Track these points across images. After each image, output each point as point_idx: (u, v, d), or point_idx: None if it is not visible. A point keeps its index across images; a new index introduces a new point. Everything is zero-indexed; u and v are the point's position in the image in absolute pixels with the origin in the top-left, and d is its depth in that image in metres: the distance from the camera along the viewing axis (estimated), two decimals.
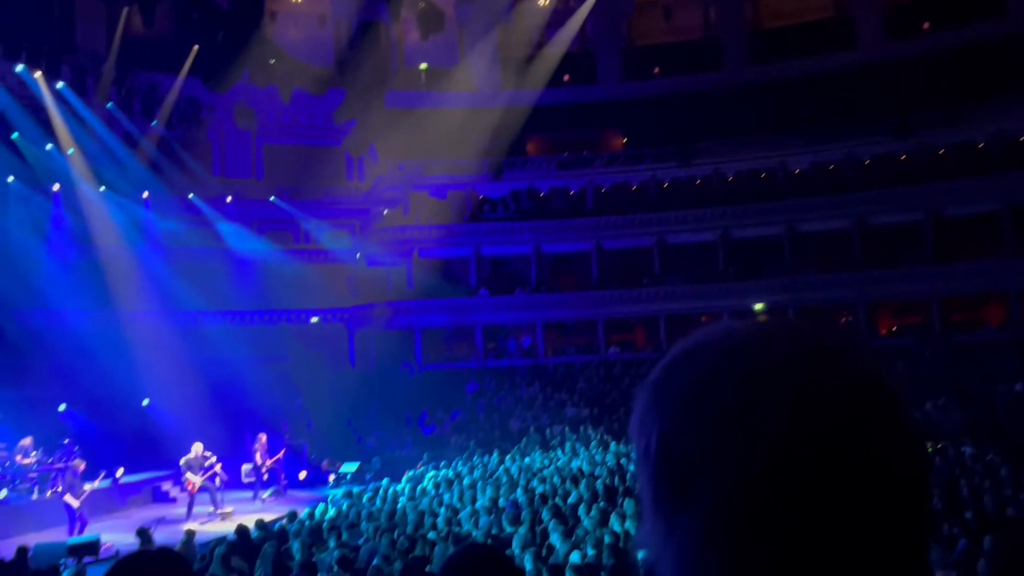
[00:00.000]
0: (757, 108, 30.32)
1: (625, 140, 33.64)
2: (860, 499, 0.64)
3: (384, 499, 13.77)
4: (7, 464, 16.75)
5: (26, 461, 16.92)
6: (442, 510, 11.82)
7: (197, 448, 17.40)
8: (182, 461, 17.39)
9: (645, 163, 31.76)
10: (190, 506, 16.90)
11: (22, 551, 9.74)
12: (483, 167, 31.79)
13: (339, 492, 17.56)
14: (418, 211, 32.21)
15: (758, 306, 29.48)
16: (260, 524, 11.35)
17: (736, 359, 0.69)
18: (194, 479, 16.99)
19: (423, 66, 32.99)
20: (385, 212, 32.82)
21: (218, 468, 17.54)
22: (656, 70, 33.11)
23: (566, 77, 32.70)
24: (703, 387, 0.69)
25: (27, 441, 17.08)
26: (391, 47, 32.46)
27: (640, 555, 7.62)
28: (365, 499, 14.15)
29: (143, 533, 10.60)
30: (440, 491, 14.21)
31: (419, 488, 15.00)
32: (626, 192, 32.28)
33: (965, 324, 27.81)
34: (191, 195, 28.79)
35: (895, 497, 0.66)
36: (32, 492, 16.85)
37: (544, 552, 8.48)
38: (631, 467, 14.60)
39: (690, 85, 31.75)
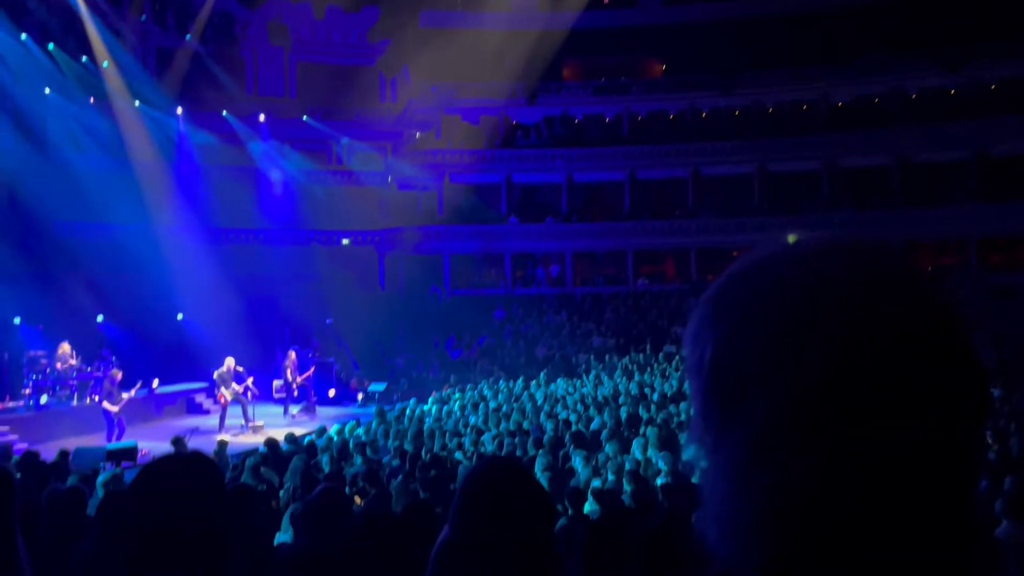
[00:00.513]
0: (802, 37, 29.21)
1: (664, 67, 32.79)
2: (912, 421, 0.62)
3: (411, 419, 14.07)
4: (48, 371, 17.28)
5: (66, 366, 17.44)
6: (467, 432, 12.05)
7: (229, 362, 17.79)
8: (215, 374, 17.82)
9: (684, 91, 30.97)
10: (222, 418, 17.38)
11: (63, 454, 10.12)
12: (517, 91, 31.24)
13: (367, 410, 17.97)
14: (450, 135, 31.90)
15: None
16: (290, 438, 11.66)
17: (800, 273, 0.67)
18: (226, 392, 17.43)
19: None
20: (417, 135, 32.56)
21: (249, 382, 17.96)
22: None
23: (605, 0, 31.71)
24: (763, 299, 0.67)
25: (65, 347, 17.54)
26: None
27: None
28: (392, 418, 14.46)
29: (178, 442, 10.94)
30: (466, 413, 14.47)
31: (445, 410, 15.29)
32: (663, 121, 31.63)
33: (1004, 265, 27.28)
34: (224, 112, 28.74)
35: (949, 421, 0.64)
36: (72, 398, 17.42)
37: (565, 477, 8.64)
38: (655, 397, 14.71)
39: (733, 11, 30.60)
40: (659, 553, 2.30)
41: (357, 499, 7.46)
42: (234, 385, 17.52)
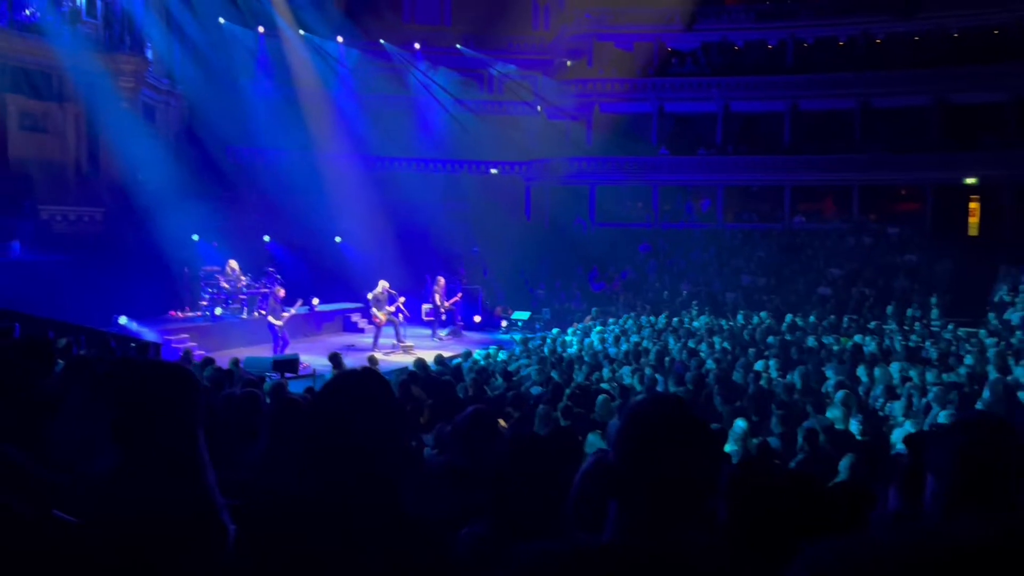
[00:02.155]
0: None
1: None
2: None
3: (552, 348, 14.27)
4: (222, 285, 18.73)
5: (238, 282, 18.84)
6: (606, 364, 12.10)
7: (383, 285, 18.61)
8: (369, 296, 18.71)
9: (858, 15, 28.61)
10: (375, 337, 18.31)
11: (235, 362, 11.03)
12: (674, 17, 29.96)
13: (510, 338, 18.37)
14: (602, 63, 31.18)
15: (969, 181, 26.76)
16: (439, 359, 12.16)
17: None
18: (379, 314, 18.29)
19: None
20: (568, 63, 32.06)
21: (400, 303, 18.76)
22: None
23: None
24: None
25: (233, 264, 18.90)
26: None
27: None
28: (534, 347, 14.71)
29: (335, 357, 11.65)
30: (606, 346, 14.50)
31: (586, 341, 15.39)
32: (831, 48, 29.48)
33: None
34: (382, 40, 29.37)
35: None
36: (242, 312, 18.86)
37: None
38: (809, 340, 14.17)
39: None
40: (808, 497, 2.23)
41: (501, 421, 7.70)
42: (387, 307, 18.35)
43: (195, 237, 20.36)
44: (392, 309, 18.47)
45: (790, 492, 2.08)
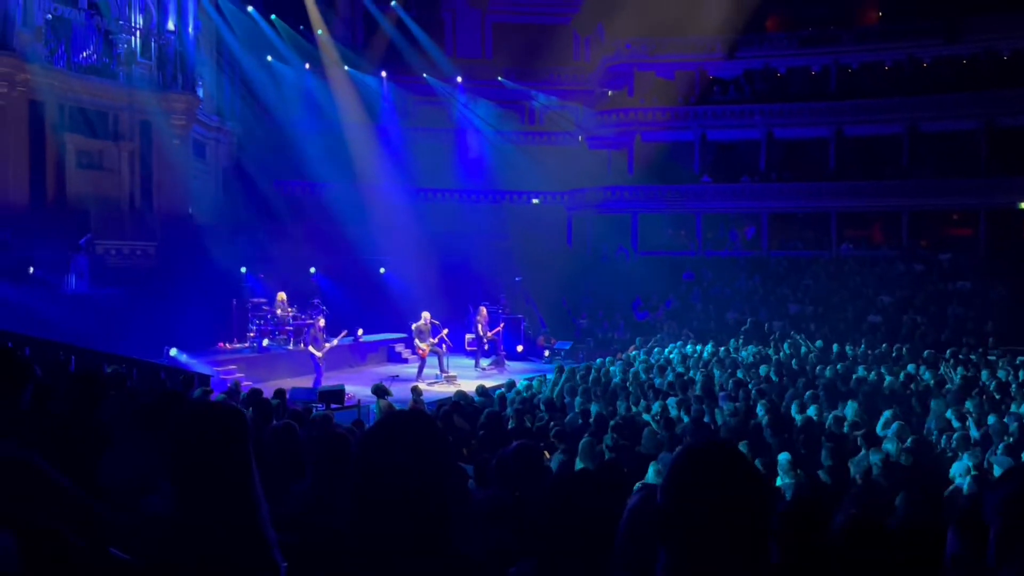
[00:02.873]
0: None
1: (880, 13, 30.15)
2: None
3: (596, 379, 14.16)
4: (268, 316, 19.03)
5: (284, 313, 19.13)
6: (651, 394, 11.96)
7: (425, 316, 18.72)
8: (413, 327, 18.83)
9: (902, 39, 28.28)
10: (420, 368, 18.39)
11: (279, 393, 11.14)
12: (716, 46, 29.96)
13: (553, 367, 18.30)
14: (643, 92, 31.25)
15: (1023, 205, 26.08)
16: (481, 390, 12.14)
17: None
18: (423, 345, 18.38)
19: None
20: (609, 93, 32.21)
21: (444, 334, 18.83)
22: None
23: None
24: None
25: (282, 296, 19.21)
26: None
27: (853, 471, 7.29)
28: (578, 377, 14.62)
29: (379, 389, 11.70)
30: (651, 376, 14.34)
31: (631, 372, 15.23)
32: (877, 72, 29.16)
33: None
34: (424, 75, 29.87)
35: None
36: (288, 343, 19.12)
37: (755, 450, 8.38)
38: (859, 370, 13.85)
39: None
40: (861, 539, 2.17)
41: (546, 453, 7.65)
42: (430, 338, 18.44)
43: (243, 269, 20.76)
44: (435, 340, 18.55)
45: (847, 533, 2.03)
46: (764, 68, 30.25)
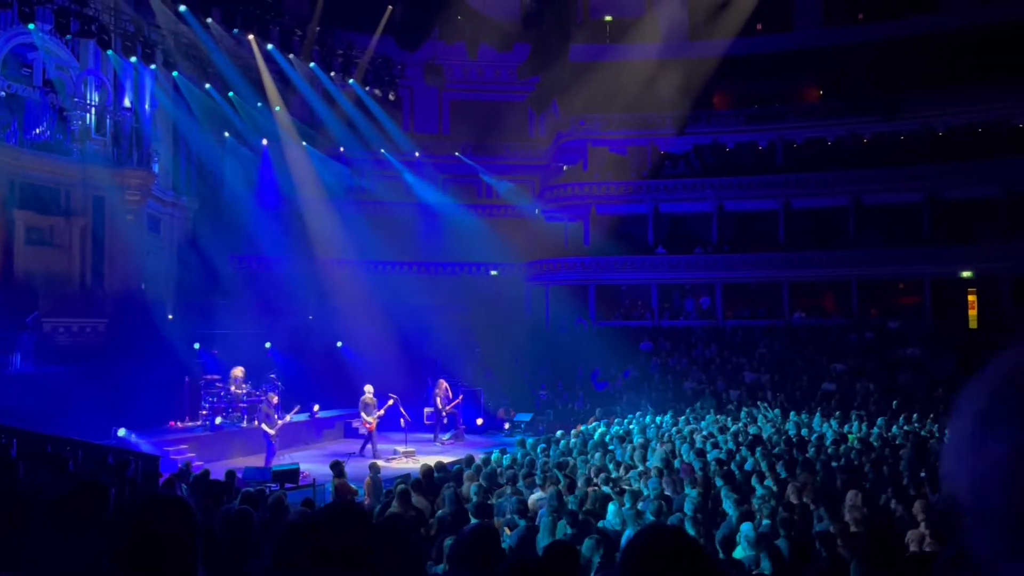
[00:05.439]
0: (977, 55, 27.16)
1: (821, 92, 31.50)
2: None
3: (556, 451, 14.03)
4: (222, 394, 18.62)
5: (239, 390, 18.74)
6: (611, 467, 11.87)
7: (368, 390, 18.54)
8: (360, 401, 18.59)
9: (843, 116, 29.54)
10: (364, 444, 18.07)
11: (230, 475, 10.83)
12: (666, 122, 30.93)
13: (513, 440, 18.11)
14: (597, 167, 31.98)
15: (966, 274, 26.99)
16: (439, 466, 11.93)
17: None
18: (369, 419, 18.14)
19: (608, 18, 32.40)
20: (564, 167, 32.90)
21: (391, 403, 18.59)
22: (860, 15, 30.54)
23: (759, 26, 30.83)
24: None
25: (238, 371, 18.84)
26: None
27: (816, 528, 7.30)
28: (539, 450, 14.47)
29: (336, 466, 11.44)
30: (611, 448, 14.26)
31: (590, 444, 15.14)
32: (821, 148, 30.28)
33: None
34: (382, 150, 30.24)
35: None
36: (242, 420, 18.67)
37: (716, 520, 8.33)
38: (813, 438, 13.96)
39: (898, 30, 28.81)
40: None
41: (507, 530, 7.51)
42: (376, 411, 18.22)
43: (196, 346, 20.37)
44: (382, 412, 18.36)
45: None
46: (713, 143, 31.25)
